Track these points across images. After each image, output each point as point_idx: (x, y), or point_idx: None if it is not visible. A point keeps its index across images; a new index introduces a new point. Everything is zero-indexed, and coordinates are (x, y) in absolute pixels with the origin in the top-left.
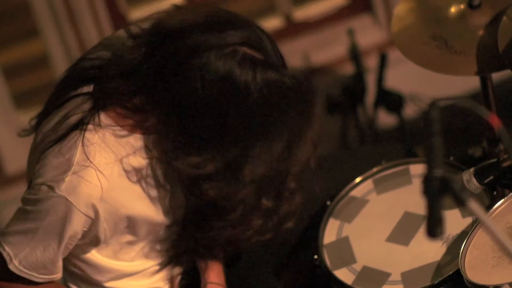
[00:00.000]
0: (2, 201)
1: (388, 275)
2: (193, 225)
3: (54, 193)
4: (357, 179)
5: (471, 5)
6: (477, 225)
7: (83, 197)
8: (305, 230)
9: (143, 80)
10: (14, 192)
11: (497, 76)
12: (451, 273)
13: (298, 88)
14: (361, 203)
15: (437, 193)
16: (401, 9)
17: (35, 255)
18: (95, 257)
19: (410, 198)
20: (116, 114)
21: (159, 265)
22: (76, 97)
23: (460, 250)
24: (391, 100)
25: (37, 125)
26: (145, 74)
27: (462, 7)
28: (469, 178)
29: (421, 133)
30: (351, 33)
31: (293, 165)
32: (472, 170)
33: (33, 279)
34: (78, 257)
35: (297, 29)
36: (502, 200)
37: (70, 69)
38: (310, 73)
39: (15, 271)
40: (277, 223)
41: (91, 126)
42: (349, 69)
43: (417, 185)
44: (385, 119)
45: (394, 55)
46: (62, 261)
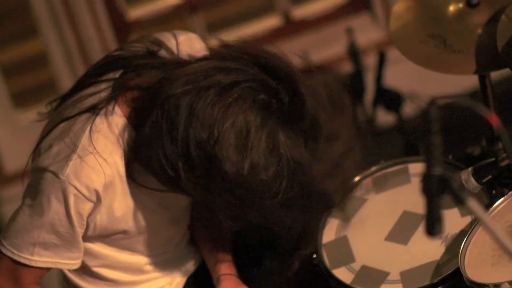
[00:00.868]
0: (1, 199)
1: (387, 274)
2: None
3: (57, 180)
4: (356, 178)
5: (469, 4)
6: (477, 224)
7: (86, 182)
8: (304, 229)
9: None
10: (13, 191)
11: (495, 74)
12: (450, 272)
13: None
14: (360, 202)
15: (436, 192)
16: (399, 8)
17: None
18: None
19: (409, 197)
20: (127, 106)
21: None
22: (98, 83)
23: (459, 249)
24: (390, 98)
25: (56, 108)
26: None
27: (460, 5)
28: (467, 177)
29: (420, 131)
30: (349, 31)
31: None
32: (470, 169)
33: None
34: None
35: (296, 28)
36: (501, 199)
37: (105, 57)
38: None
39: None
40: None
41: (103, 112)
42: (347, 67)
43: (416, 184)
44: (384, 117)
45: (392, 53)
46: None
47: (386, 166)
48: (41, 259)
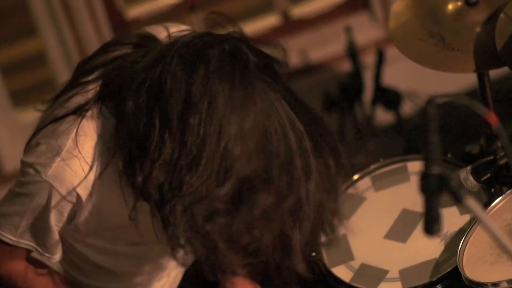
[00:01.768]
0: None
1: (386, 272)
2: None
3: (40, 178)
4: (355, 176)
5: (468, 2)
6: (475, 222)
7: (67, 185)
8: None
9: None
10: None
11: (494, 73)
12: (449, 270)
13: None
14: (359, 200)
15: (435, 190)
16: (398, 6)
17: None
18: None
19: (408, 195)
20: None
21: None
22: (86, 84)
23: (458, 247)
24: (388, 97)
25: (49, 107)
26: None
27: (459, 4)
28: (466, 176)
29: (419, 130)
30: (348, 30)
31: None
32: (469, 168)
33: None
34: None
35: (295, 26)
36: (500, 197)
37: (94, 53)
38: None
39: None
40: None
41: (89, 114)
42: (346, 66)
43: (414, 182)
44: (383, 116)
45: (391, 52)
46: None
47: (385, 164)
48: (23, 240)
